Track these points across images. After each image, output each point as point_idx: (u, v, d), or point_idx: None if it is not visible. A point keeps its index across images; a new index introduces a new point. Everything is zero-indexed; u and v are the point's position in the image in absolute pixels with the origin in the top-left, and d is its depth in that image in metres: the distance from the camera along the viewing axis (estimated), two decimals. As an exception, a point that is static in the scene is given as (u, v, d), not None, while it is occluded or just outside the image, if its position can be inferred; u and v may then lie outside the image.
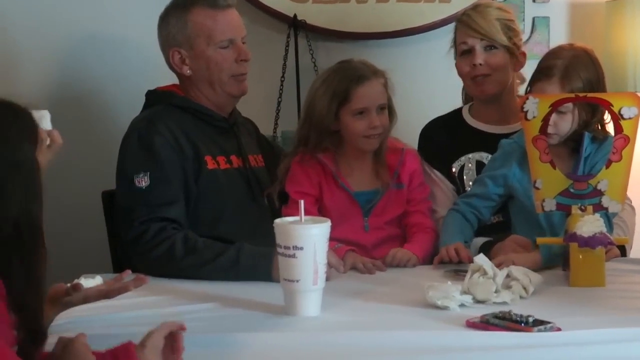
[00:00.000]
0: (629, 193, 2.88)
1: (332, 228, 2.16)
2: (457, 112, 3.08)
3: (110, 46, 3.46)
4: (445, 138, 2.97)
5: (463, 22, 2.97)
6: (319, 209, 2.75)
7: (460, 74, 3.00)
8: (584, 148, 2.59)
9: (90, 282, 2.11)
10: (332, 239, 2.19)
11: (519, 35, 2.99)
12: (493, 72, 2.93)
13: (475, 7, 3.00)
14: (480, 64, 2.91)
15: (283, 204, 2.79)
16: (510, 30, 2.94)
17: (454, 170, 2.94)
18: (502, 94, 2.95)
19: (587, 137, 2.59)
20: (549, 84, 2.55)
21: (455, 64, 3.02)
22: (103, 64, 3.45)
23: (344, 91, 2.72)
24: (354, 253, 2.64)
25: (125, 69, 3.44)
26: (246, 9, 3.39)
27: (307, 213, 2.18)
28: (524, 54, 2.99)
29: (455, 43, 3.01)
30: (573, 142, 2.61)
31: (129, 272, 2.16)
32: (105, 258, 2.92)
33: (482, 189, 2.72)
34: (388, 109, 2.78)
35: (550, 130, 2.51)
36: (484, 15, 2.93)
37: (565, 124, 2.57)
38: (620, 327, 2.00)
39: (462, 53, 2.96)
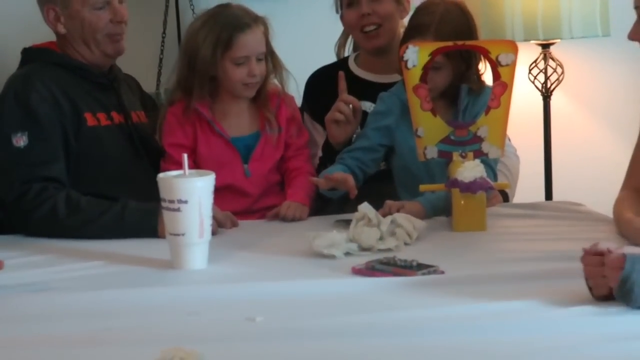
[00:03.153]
0: (514, 142, 2.96)
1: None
2: (344, 62, 3.08)
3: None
4: (331, 87, 2.92)
5: None
6: (194, 160, 2.71)
7: (348, 26, 3.00)
8: (461, 100, 2.62)
9: None
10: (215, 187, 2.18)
11: None
12: (383, 22, 2.93)
13: None
14: (369, 14, 2.92)
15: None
16: None
17: None
18: (391, 44, 2.96)
19: (464, 89, 2.62)
20: (424, 41, 2.56)
21: (342, 17, 3.02)
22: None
23: (227, 39, 2.68)
24: None
25: (0, 26, 3.35)
26: (124, -36, 3.32)
27: (181, 166, 2.17)
28: (408, 1, 3.00)
29: None
30: (451, 95, 2.64)
31: None
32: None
33: (366, 142, 2.72)
34: (271, 56, 2.77)
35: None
36: None
37: (440, 78, 2.60)
38: (501, 269, 2.06)
39: (349, 5, 2.96)
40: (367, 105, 2.87)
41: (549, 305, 1.79)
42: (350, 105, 2.75)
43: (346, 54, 3.16)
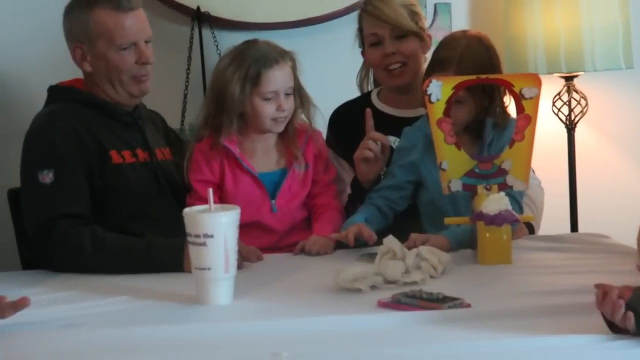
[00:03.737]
0: (539, 174, 2.95)
1: (240, 213, 2.16)
2: (366, 97, 3.09)
3: (10, 42, 3.41)
4: (354, 123, 2.92)
5: (369, 12, 2.97)
6: (220, 197, 2.72)
7: (372, 64, 3.01)
8: (487, 134, 2.63)
9: None
10: (240, 223, 2.18)
11: (423, 18, 3.02)
12: (408, 60, 2.95)
13: None
14: (393, 54, 2.93)
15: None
16: (415, 14, 2.97)
17: None
18: (414, 80, 2.97)
19: (488, 123, 2.63)
20: (446, 76, 2.57)
21: (364, 55, 3.03)
22: (4, 60, 3.40)
23: (255, 74, 2.70)
24: None
25: (27, 64, 3.39)
26: (149, 2, 3.35)
27: (207, 202, 2.18)
28: (429, 37, 3.02)
29: (362, 34, 3.01)
30: (475, 129, 2.65)
31: (5, 297, 2.03)
32: (13, 257, 2.88)
33: (393, 180, 2.73)
34: (299, 91, 2.79)
35: None
36: (389, 3, 2.93)
37: (463, 113, 2.60)
38: (527, 302, 2.05)
39: (372, 44, 2.97)
40: (391, 140, 2.87)
41: (577, 339, 1.79)
42: (379, 143, 2.75)
43: (368, 87, 3.17)
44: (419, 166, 2.70)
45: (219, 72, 2.77)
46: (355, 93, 3.17)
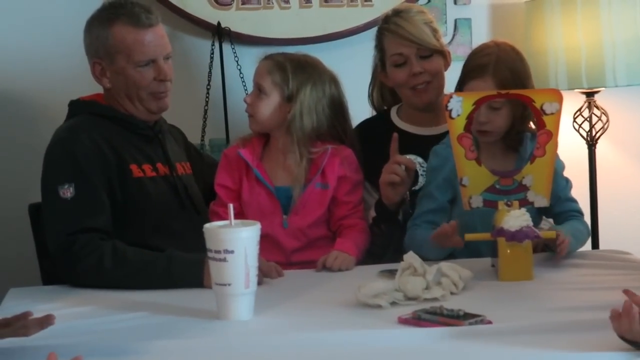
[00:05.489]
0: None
1: None
2: (385, 115, 3.08)
3: (33, 56, 3.43)
4: (374, 141, 2.93)
5: (392, 31, 2.94)
6: (240, 204, 2.75)
7: (397, 83, 2.99)
8: (525, 147, 2.62)
9: None
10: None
11: (442, 35, 3.01)
12: (432, 79, 2.94)
13: (399, 14, 2.97)
14: (420, 73, 2.92)
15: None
16: (436, 32, 2.96)
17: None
18: (437, 98, 2.97)
19: (527, 136, 2.63)
20: (483, 82, 2.58)
21: (386, 74, 3.01)
22: (26, 75, 3.42)
23: None
24: None
25: (49, 79, 3.41)
26: (170, 18, 3.38)
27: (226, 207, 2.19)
28: (449, 52, 3.02)
29: (384, 52, 2.99)
30: (506, 140, 2.64)
31: (31, 313, 2.03)
32: (34, 271, 2.88)
33: (434, 203, 2.69)
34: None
35: (487, 127, 2.56)
36: (412, 22, 2.92)
37: (500, 119, 2.60)
38: (548, 319, 2.04)
39: (397, 65, 2.95)
40: (413, 157, 2.85)
41: (599, 356, 1.78)
42: (403, 165, 2.73)
43: (376, 104, 3.16)
44: (453, 181, 2.66)
45: None
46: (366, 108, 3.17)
